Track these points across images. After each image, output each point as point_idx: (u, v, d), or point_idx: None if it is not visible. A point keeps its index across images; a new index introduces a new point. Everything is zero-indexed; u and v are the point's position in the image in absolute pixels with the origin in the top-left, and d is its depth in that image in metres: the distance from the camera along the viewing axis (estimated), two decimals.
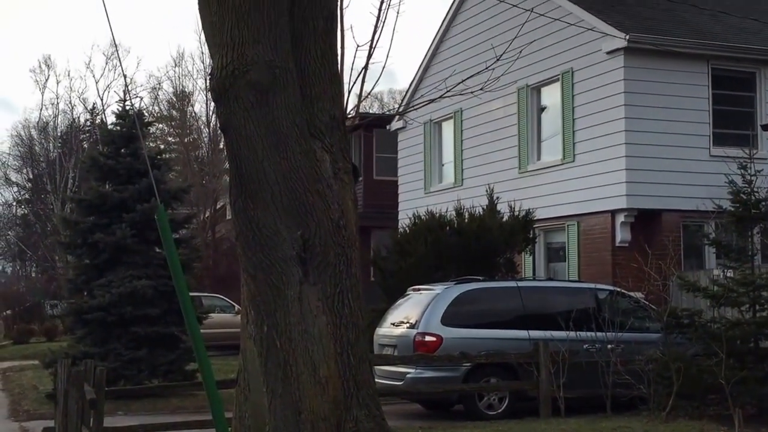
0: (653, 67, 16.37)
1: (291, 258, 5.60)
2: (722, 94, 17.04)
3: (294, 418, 5.50)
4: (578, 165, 17.07)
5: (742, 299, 10.96)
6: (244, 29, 5.51)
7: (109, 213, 14.74)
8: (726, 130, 16.98)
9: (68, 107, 47.17)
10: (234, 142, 5.63)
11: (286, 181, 5.60)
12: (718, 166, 15.59)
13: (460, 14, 21.02)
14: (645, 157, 16.15)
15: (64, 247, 16.64)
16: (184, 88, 43.22)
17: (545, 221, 17.39)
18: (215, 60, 5.64)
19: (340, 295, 5.71)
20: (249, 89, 5.50)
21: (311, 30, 5.91)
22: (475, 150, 20.03)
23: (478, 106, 18.74)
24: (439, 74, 20.17)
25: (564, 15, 17.17)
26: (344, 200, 5.93)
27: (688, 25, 17.60)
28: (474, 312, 12.09)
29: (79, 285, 14.99)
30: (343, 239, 5.81)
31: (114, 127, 16.00)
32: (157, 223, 4.55)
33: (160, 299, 14.15)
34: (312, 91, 5.91)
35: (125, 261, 14.39)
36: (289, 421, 5.51)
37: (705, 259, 16.40)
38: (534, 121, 18.58)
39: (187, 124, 42.43)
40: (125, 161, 15.01)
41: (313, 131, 5.87)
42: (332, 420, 5.52)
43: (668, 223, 16.20)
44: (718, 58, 16.87)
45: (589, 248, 16.69)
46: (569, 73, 17.42)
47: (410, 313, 12.22)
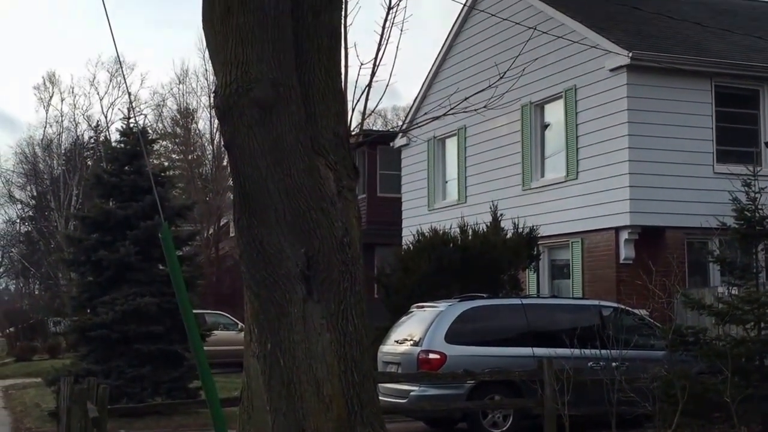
0: (656, 84, 16.39)
1: (295, 275, 5.58)
2: (726, 112, 17.06)
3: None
4: (582, 182, 17.06)
5: (747, 317, 10.91)
6: (248, 47, 5.50)
7: (112, 230, 14.75)
8: (729, 147, 16.98)
9: (72, 124, 47.35)
10: (238, 160, 5.61)
11: (290, 199, 5.58)
12: (722, 183, 15.56)
13: (464, 32, 21.09)
14: (649, 174, 16.14)
15: (68, 264, 16.65)
16: (188, 105, 43.42)
17: (549, 238, 17.37)
18: (219, 78, 5.64)
19: (344, 313, 5.67)
20: (253, 107, 5.48)
21: (315, 48, 5.90)
22: (479, 167, 20.04)
23: (481, 123, 18.77)
24: (443, 91, 20.22)
25: (567, 33, 17.23)
26: (348, 218, 5.91)
27: (691, 42, 17.64)
28: (478, 329, 12.05)
29: (83, 302, 14.99)
30: (347, 257, 5.78)
31: (118, 144, 16.04)
32: (161, 240, 4.53)
33: (163, 316, 14.14)
34: (316, 109, 5.90)
35: (129, 278, 14.39)
36: None
37: (709, 276, 16.36)
38: (537, 138, 18.60)
39: (191, 141, 42.55)
40: (129, 178, 15.04)
41: (317, 148, 5.86)
42: None
43: (672, 240, 16.17)
44: (721, 75, 16.89)
45: (593, 265, 16.65)
46: (572, 91, 17.45)
47: (414, 330, 12.18)
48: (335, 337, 5.59)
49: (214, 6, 5.63)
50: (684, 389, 10.39)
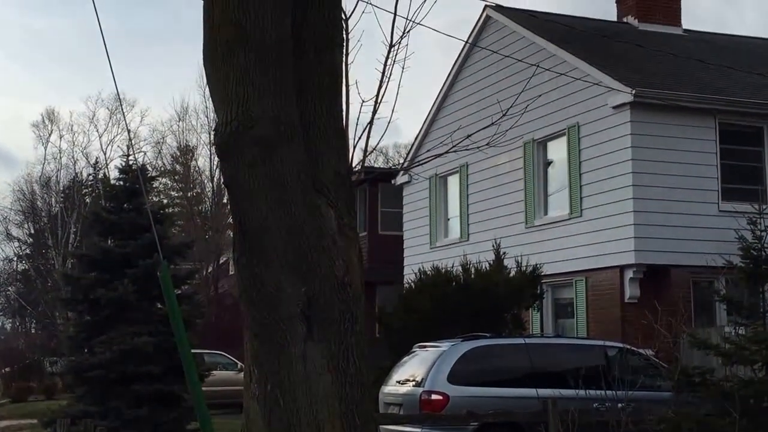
0: (660, 121, 16.35)
1: (295, 315, 5.51)
2: (730, 149, 17.01)
3: None
4: (585, 220, 16.96)
5: (755, 357, 10.75)
6: (249, 85, 5.46)
7: (111, 269, 14.62)
8: (734, 185, 16.89)
9: (71, 162, 47.34)
10: (238, 198, 5.56)
11: (291, 238, 5.51)
12: (727, 221, 15.48)
13: (466, 68, 21.13)
14: (653, 212, 16.04)
15: (65, 303, 16.51)
16: (188, 143, 43.51)
17: (553, 277, 17.22)
18: (220, 115, 5.60)
19: (345, 353, 5.57)
20: (254, 145, 5.44)
21: (316, 86, 5.88)
22: (481, 204, 19.96)
23: (484, 161, 18.72)
24: (445, 128, 20.22)
25: (569, 70, 17.24)
26: (349, 256, 5.84)
27: (694, 79, 17.64)
28: (481, 370, 11.89)
29: (80, 342, 14.81)
30: (348, 296, 5.72)
31: (117, 182, 15.97)
32: (160, 279, 4.45)
33: (161, 356, 13.94)
34: (317, 147, 5.86)
35: (127, 317, 14.23)
36: None
37: (716, 316, 16.18)
38: (540, 175, 18.53)
39: (191, 178, 42.60)
40: (128, 216, 14.95)
41: (318, 187, 5.81)
42: None
43: (678, 279, 16.02)
44: (724, 112, 16.86)
45: (598, 304, 16.49)
46: (575, 128, 17.41)
47: (416, 370, 12.02)
48: (336, 378, 5.48)
49: (215, 44, 5.60)
50: (691, 431, 10.19)
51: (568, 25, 18.58)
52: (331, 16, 5.95)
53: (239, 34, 5.49)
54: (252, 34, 5.48)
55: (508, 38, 19.50)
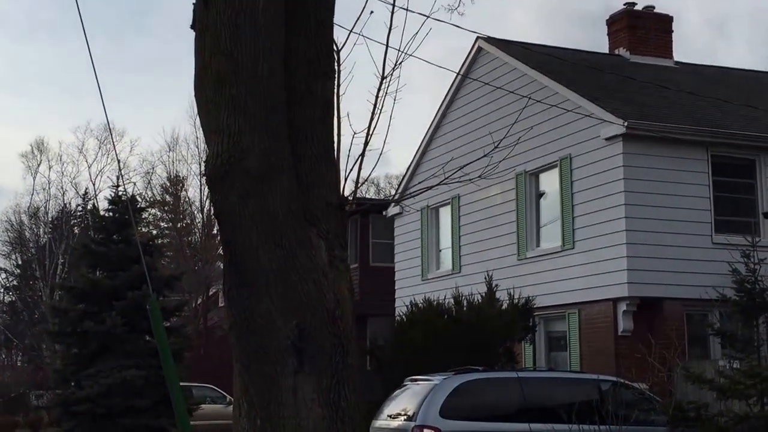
0: (653, 153, 16.35)
1: (286, 348, 5.45)
2: (723, 181, 17.00)
3: None
4: (578, 252, 16.88)
5: (750, 392, 10.67)
6: (240, 117, 5.44)
7: (99, 301, 14.49)
8: (727, 218, 16.86)
9: (60, 192, 47.13)
10: (228, 230, 5.52)
11: (281, 270, 5.47)
12: (721, 253, 15.41)
13: (458, 99, 21.16)
14: (646, 245, 15.98)
15: (53, 335, 16.32)
16: (178, 173, 43.34)
17: (545, 309, 17.11)
18: (211, 147, 5.56)
19: (336, 387, 5.50)
20: (245, 177, 5.41)
21: (308, 118, 5.87)
22: (473, 236, 19.88)
23: (475, 192, 18.68)
24: (437, 159, 20.20)
25: (561, 101, 17.27)
26: (340, 289, 5.80)
27: (686, 111, 17.68)
28: (473, 404, 11.74)
29: (67, 375, 14.62)
30: (339, 329, 5.66)
31: (106, 213, 15.88)
32: (149, 312, 4.37)
33: (150, 390, 13.78)
34: (308, 178, 5.84)
35: (115, 350, 14.07)
36: None
37: (710, 349, 16.07)
38: (533, 207, 18.48)
39: (181, 209, 42.42)
40: (117, 248, 14.85)
41: (309, 218, 5.78)
42: None
43: (671, 312, 15.93)
44: (717, 145, 16.87)
45: (591, 337, 16.37)
46: (568, 159, 17.39)
47: (408, 404, 11.86)
48: (327, 413, 5.41)
49: (207, 75, 5.58)
50: None
51: (560, 57, 18.64)
52: (322, 48, 5.93)
53: (231, 66, 5.47)
54: (244, 65, 5.46)
55: (500, 69, 19.55)
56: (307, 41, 5.86)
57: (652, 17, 21.23)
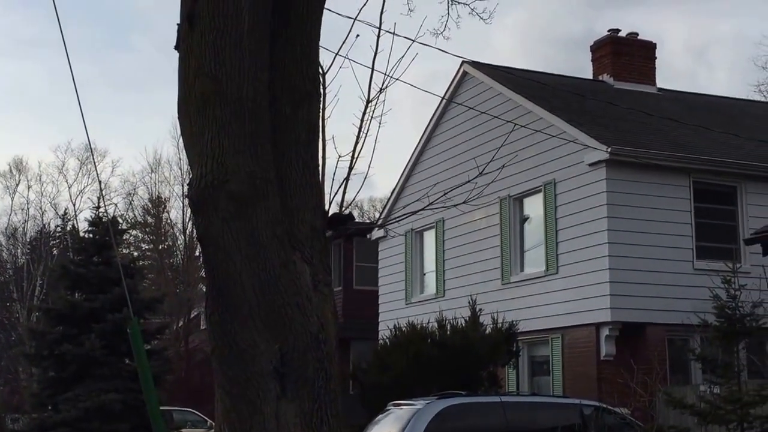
0: (635, 179, 16.44)
1: (268, 373, 5.39)
2: (704, 208, 17.10)
3: None
4: (562, 277, 16.90)
5: (730, 417, 10.68)
6: (225, 139, 5.40)
7: (78, 323, 14.32)
8: (709, 243, 16.95)
9: (39, 212, 46.70)
10: (211, 253, 5.46)
11: (265, 294, 5.42)
12: (702, 279, 15.48)
13: (442, 124, 21.22)
14: (629, 270, 16.03)
15: (30, 358, 16.12)
16: (160, 194, 43.04)
17: (529, 334, 17.09)
18: (194, 169, 5.51)
19: (319, 412, 5.45)
20: (229, 200, 5.36)
21: (293, 141, 5.84)
22: (457, 260, 19.87)
23: (460, 216, 18.68)
24: (421, 183, 20.22)
25: (546, 126, 17.35)
26: (324, 313, 5.75)
27: (668, 138, 17.80)
28: (456, 428, 11.68)
29: (44, 399, 14.41)
30: (322, 354, 5.61)
31: (86, 234, 15.74)
32: (129, 336, 4.31)
33: (129, 414, 13.61)
34: (293, 202, 5.80)
35: (93, 373, 13.89)
36: None
37: (691, 374, 16.10)
38: (516, 231, 18.51)
39: (162, 230, 42.10)
40: (97, 269, 14.70)
41: (294, 242, 5.73)
42: None
43: (653, 337, 15.96)
44: (699, 171, 16.98)
45: (574, 362, 16.35)
46: (552, 184, 17.45)
47: (390, 429, 11.79)
48: None
49: (191, 96, 5.54)
50: None
51: (544, 83, 18.75)
52: (308, 71, 5.92)
53: (215, 88, 5.43)
54: (228, 87, 5.43)
55: (484, 94, 19.64)
56: (293, 64, 5.85)
57: (635, 44, 21.42)
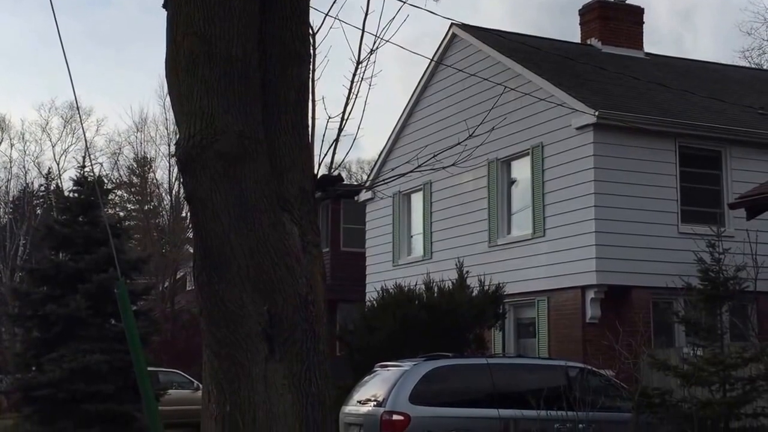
0: (622, 143, 16.47)
1: (256, 334, 5.39)
2: (690, 172, 17.17)
3: None
4: (548, 240, 16.97)
5: (713, 378, 10.82)
6: (213, 99, 5.35)
7: (63, 284, 14.22)
8: (694, 208, 17.04)
9: (22, 171, 46.29)
10: (200, 214, 5.42)
11: (253, 255, 5.39)
12: (687, 243, 15.62)
13: (431, 86, 21.13)
14: (615, 233, 16.11)
15: (13, 318, 16.04)
16: (146, 154, 42.72)
17: (515, 296, 17.19)
18: (182, 129, 5.47)
19: (307, 373, 5.43)
20: (217, 160, 5.32)
21: (282, 101, 5.78)
22: (445, 223, 19.90)
23: (447, 179, 18.68)
24: (409, 145, 20.19)
25: (534, 90, 17.30)
26: (313, 274, 5.73)
27: (655, 103, 17.80)
28: (443, 390, 11.77)
29: (28, 359, 14.34)
30: (311, 315, 5.61)
31: (71, 193, 15.58)
32: (117, 297, 4.29)
33: (114, 375, 13.59)
34: (282, 162, 5.76)
35: (78, 334, 13.83)
36: None
37: (675, 337, 16.26)
38: (504, 194, 18.54)
39: (148, 190, 41.82)
40: (82, 230, 14.58)
41: (282, 203, 5.70)
42: None
43: (638, 300, 16.09)
44: (685, 136, 17.02)
45: (559, 324, 16.48)
46: (539, 148, 17.45)
47: (377, 390, 11.86)
48: (297, 399, 5.35)
49: (179, 55, 5.47)
50: None
51: (533, 46, 18.67)
52: (298, 31, 5.85)
53: (204, 47, 5.37)
54: (217, 46, 5.37)
55: (473, 57, 19.54)
56: (283, 23, 5.78)
57: (623, 9, 21.33)
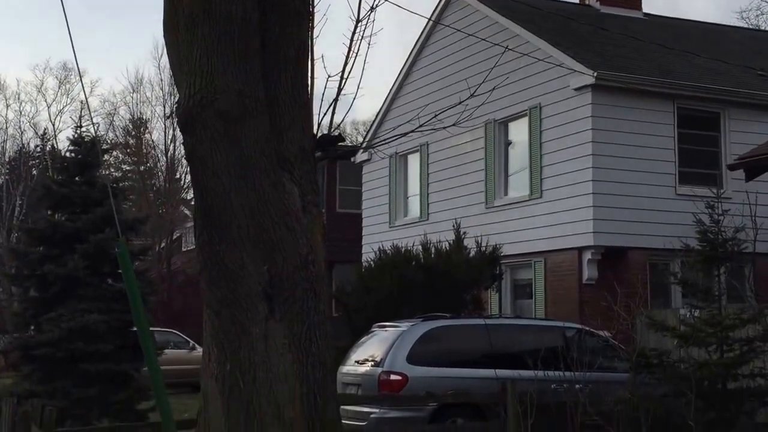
0: (620, 104, 16.39)
1: (257, 294, 5.41)
2: (688, 134, 17.12)
3: None
4: (545, 201, 16.96)
5: (710, 339, 10.85)
6: (213, 58, 5.33)
7: (60, 244, 14.15)
8: (691, 169, 17.02)
9: (17, 132, 46.10)
10: (200, 173, 5.43)
11: (254, 214, 5.40)
12: (684, 204, 15.63)
13: (428, 47, 20.97)
14: (612, 195, 16.10)
15: (11, 278, 15.99)
16: (142, 115, 42.53)
17: (511, 257, 17.22)
18: (182, 88, 5.44)
19: (308, 333, 5.48)
20: (217, 119, 5.30)
21: (282, 59, 5.75)
22: (441, 184, 19.87)
23: (444, 140, 18.62)
24: (406, 106, 20.10)
25: (532, 50, 17.18)
26: (313, 234, 5.75)
27: (654, 64, 17.69)
28: (440, 350, 11.82)
29: (26, 319, 14.31)
30: (312, 274, 5.63)
31: (68, 153, 15.47)
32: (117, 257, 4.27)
33: (112, 335, 13.59)
34: (281, 121, 5.75)
35: (76, 294, 13.79)
36: None
37: (671, 298, 16.32)
38: (501, 156, 18.49)
39: (144, 151, 41.69)
40: (79, 189, 14.47)
41: (282, 162, 5.70)
42: None
43: (635, 261, 16.13)
44: (683, 97, 16.95)
45: (556, 285, 16.53)
46: (537, 109, 17.37)
47: (375, 351, 11.92)
48: (297, 358, 5.40)
49: (178, 14, 5.44)
50: (648, 412, 10.25)
51: (531, 6, 18.49)
52: None
53: (203, 5, 5.34)
54: (217, 5, 5.34)
55: (471, 17, 19.37)
56: None
57: None
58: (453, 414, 11.34)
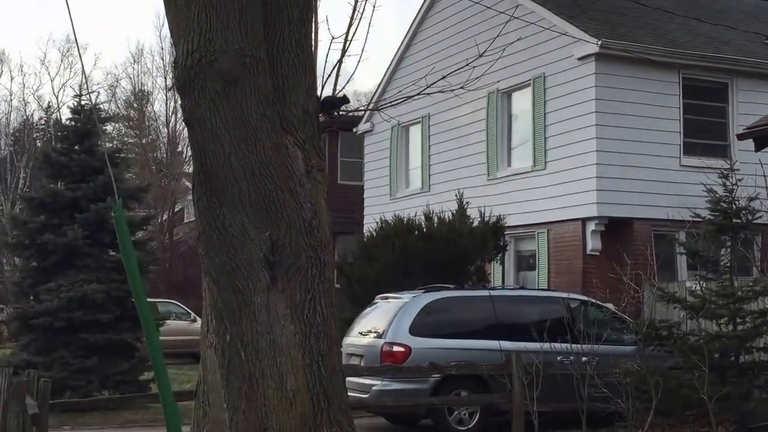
0: (625, 74, 16.14)
1: (258, 261, 5.24)
2: (693, 104, 16.88)
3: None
4: (549, 172, 16.76)
5: (722, 311, 10.68)
6: (212, 14, 5.12)
7: (60, 212, 14.00)
8: (696, 140, 16.81)
9: (22, 104, 45.96)
10: (199, 136, 5.25)
11: (255, 178, 5.21)
12: (688, 175, 15.47)
13: (429, 18, 20.69)
14: (616, 165, 15.91)
15: (11, 248, 15.86)
16: (143, 87, 42.31)
17: (515, 228, 17.04)
18: (180, 47, 5.23)
19: (312, 302, 5.31)
20: (216, 79, 5.11)
21: (285, 18, 5.54)
22: (444, 155, 19.66)
23: (446, 111, 18.39)
24: (408, 77, 19.80)
25: (536, 20, 16.89)
26: (317, 199, 5.57)
27: (660, 33, 17.42)
28: (444, 321, 11.68)
29: (25, 289, 14.19)
30: (316, 241, 5.45)
31: (69, 122, 15.28)
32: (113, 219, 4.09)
33: (112, 304, 13.46)
34: (284, 83, 5.55)
35: (76, 264, 13.65)
36: None
37: (677, 270, 16.15)
38: (504, 126, 18.26)
39: (145, 124, 41.54)
40: (79, 158, 14.31)
41: (285, 125, 5.51)
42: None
43: (639, 232, 15.95)
44: (689, 67, 16.69)
45: (560, 256, 16.38)
46: (541, 79, 17.12)
47: (377, 322, 11.78)
48: (300, 329, 5.23)
49: None
50: (657, 385, 10.10)
51: None
52: None
53: None
54: None
55: None
56: None
57: None
58: (457, 386, 11.23)
